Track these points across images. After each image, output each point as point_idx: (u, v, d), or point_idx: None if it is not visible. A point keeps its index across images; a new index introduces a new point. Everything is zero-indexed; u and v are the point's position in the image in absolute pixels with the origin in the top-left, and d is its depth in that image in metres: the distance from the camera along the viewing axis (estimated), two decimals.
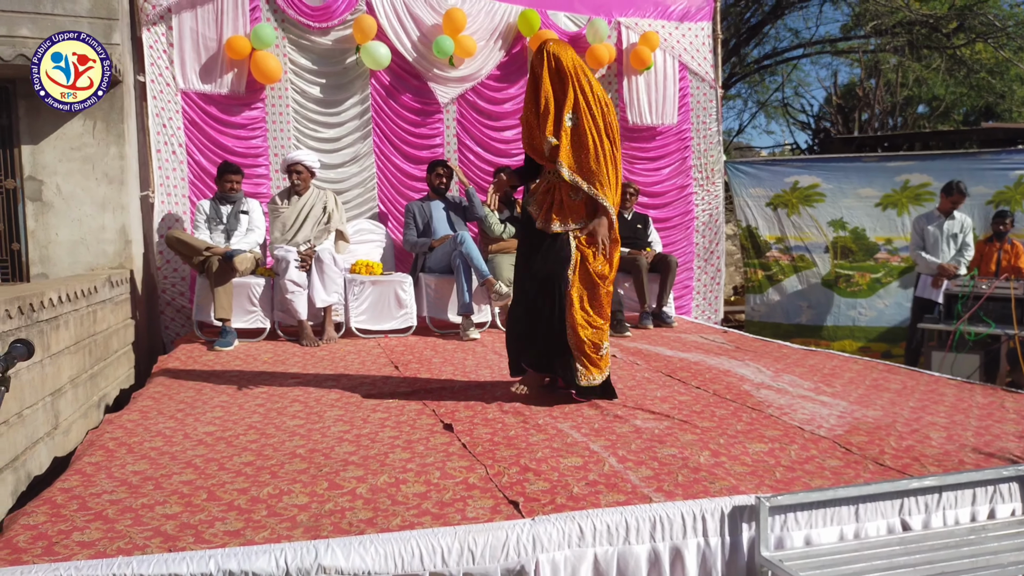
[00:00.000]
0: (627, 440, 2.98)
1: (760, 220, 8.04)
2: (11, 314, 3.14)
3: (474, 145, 6.84)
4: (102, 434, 3.16)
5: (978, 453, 2.84)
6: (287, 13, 6.14)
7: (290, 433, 3.14)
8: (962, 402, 3.66)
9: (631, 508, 2.23)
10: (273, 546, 1.99)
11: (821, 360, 4.82)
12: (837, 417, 3.35)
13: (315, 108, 6.37)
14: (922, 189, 7.69)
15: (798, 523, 2.31)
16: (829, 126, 17.20)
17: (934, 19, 13.77)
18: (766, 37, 16.23)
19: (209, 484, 2.53)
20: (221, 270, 5.18)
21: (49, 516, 2.26)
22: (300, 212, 5.59)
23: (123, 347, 5.11)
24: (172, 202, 5.93)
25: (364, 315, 5.65)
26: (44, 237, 5.24)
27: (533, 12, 6.63)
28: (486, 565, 2.05)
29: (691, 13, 7.34)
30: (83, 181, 5.29)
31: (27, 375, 3.28)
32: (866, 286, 7.79)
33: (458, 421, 3.27)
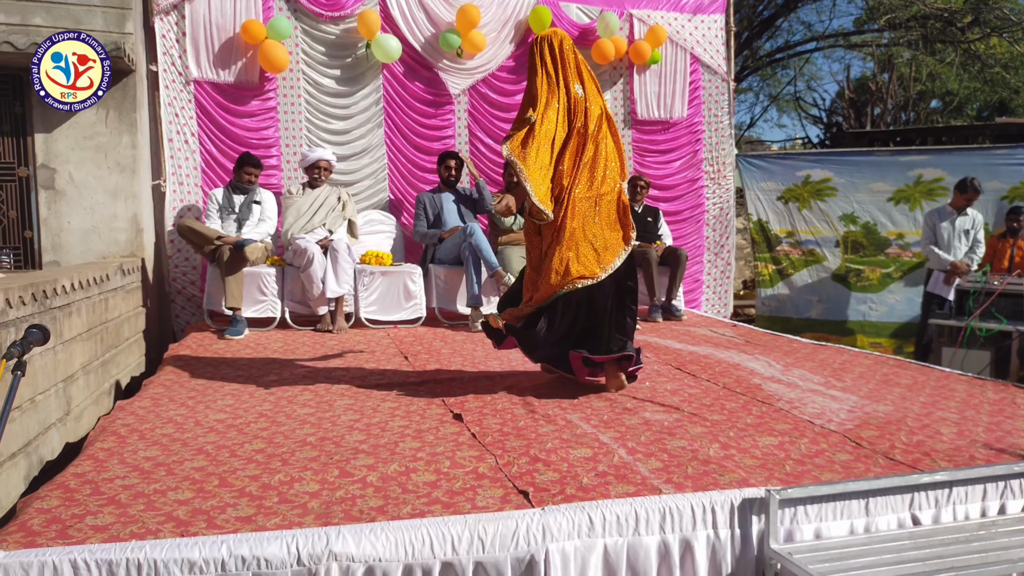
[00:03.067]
0: (637, 432, 2.99)
1: (771, 214, 8.01)
2: (25, 300, 3.16)
3: (485, 136, 6.83)
4: (114, 420, 3.18)
5: (989, 449, 2.83)
6: (299, 2, 6.14)
7: (301, 421, 3.15)
8: (973, 398, 3.64)
9: (641, 499, 2.23)
10: (285, 532, 2.00)
11: (831, 355, 4.81)
12: (847, 411, 3.34)
13: (327, 99, 6.37)
14: (935, 184, 7.64)
15: (808, 516, 2.31)
16: (841, 120, 17.11)
17: (949, 13, 13.66)
18: (779, 30, 16.16)
19: (221, 471, 2.55)
20: (232, 259, 5.20)
21: (63, 500, 2.28)
22: (315, 200, 5.67)
23: (134, 335, 5.14)
24: (184, 191, 5.95)
25: (374, 306, 5.66)
26: (56, 225, 5.27)
27: (545, 9, 6.60)
28: (496, 554, 2.05)
29: (704, 6, 7.30)
30: (95, 170, 5.31)
31: (40, 361, 3.31)
32: (876, 281, 7.76)
33: (467, 411, 3.28)
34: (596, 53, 6.84)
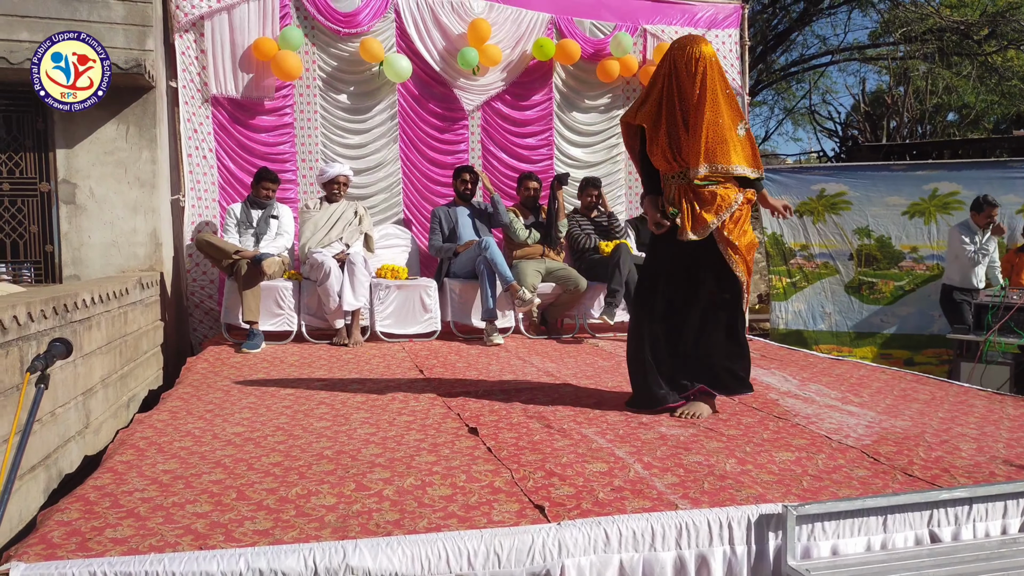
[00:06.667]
0: (652, 447, 2.98)
1: (785, 227, 7.99)
2: (46, 314, 3.20)
3: (498, 151, 6.87)
4: (133, 433, 3.21)
5: (1009, 465, 2.80)
6: (317, 20, 6.21)
7: (317, 435, 3.17)
8: (992, 413, 3.61)
9: (657, 515, 2.22)
10: (302, 546, 2.01)
11: (848, 369, 4.77)
12: (865, 427, 3.32)
13: (342, 115, 6.44)
14: (950, 198, 7.60)
15: (825, 533, 2.29)
16: (857, 133, 17.04)
17: (965, 26, 13.61)
18: (793, 44, 16.16)
19: (238, 484, 2.56)
20: (249, 273, 5.25)
21: (82, 513, 2.30)
22: (332, 215, 5.72)
23: (152, 348, 5.18)
24: (202, 206, 6.01)
25: (389, 319, 5.69)
26: (77, 239, 5.34)
27: (547, 40, 6.66)
28: (512, 569, 2.05)
29: (718, 20, 7.32)
30: (115, 185, 5.38)
31: (60, 374, 3.35)
32: (889, 294, 7.73)
33: (483, 425, 3.28)
34: (600, 71, 6.88)
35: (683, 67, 3.30)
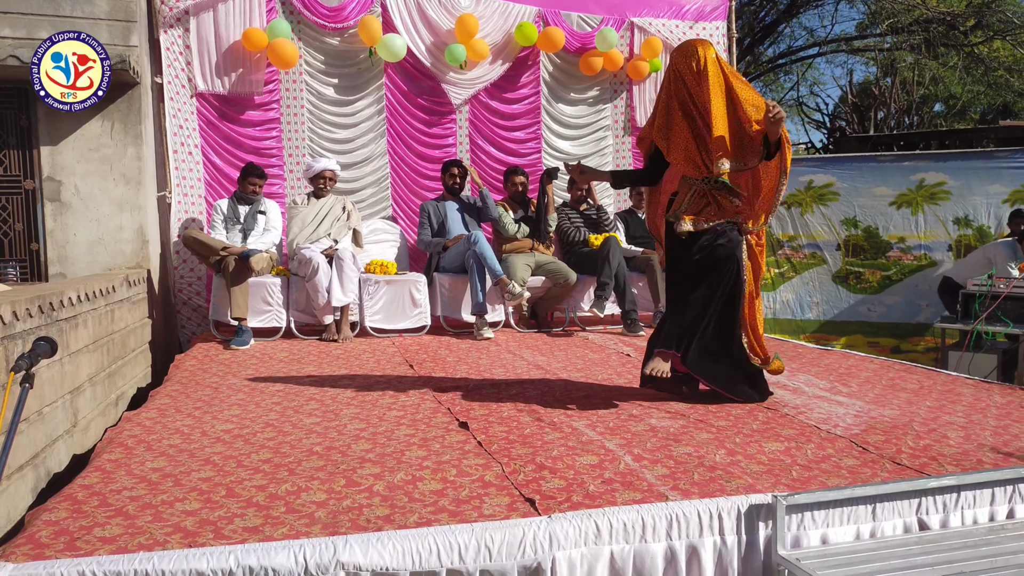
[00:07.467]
0: (642, 439, 2.98)
1: (773, 219, 8.02)
2: (32, 313, 3.18)
3: (486, 145, 6.85)
4: (121, 432, 3.19)
5: (997, 453, 2.83)
6: (303, 14, 6.18)
7: (307, 431, 3.16)
8: (980, 402, 3.64)
9: (647, 506, 2.23)
10: (292, 542, 2.00)
11: (836, 359, 4.80)
12: (853, 416, 3.34)
13: (329, 109, 6.41)
14: (937, 188, 7.65)
15: (815, 522, 2.30)
16: (844, 125, 17.11)
17: (951, 16, 13.67)
18: (781, 36, 16.20)
19: (228, 481, 2.55)
20: (237, 270, 5.22)
21: (70, 512, 2.28)
22: (320, 210, 5.69)
23: (140, 346, 5.15)
24: (188, 202, 5.98)
25: (379, 314, 5.68)
26: (62, 237, 5.29)
27: (530, 25, 6.64)
28: (503, 562, 2.05)
29: (705, 12, 7.32)
30: (101, 182, 5.34)
31: (47, 373, 3.32)
32: (876, 283, 7.78)
33: (473, 419, 3.28)
34: (583, 65, 6.87)
35: (687, 72, 3.38)
